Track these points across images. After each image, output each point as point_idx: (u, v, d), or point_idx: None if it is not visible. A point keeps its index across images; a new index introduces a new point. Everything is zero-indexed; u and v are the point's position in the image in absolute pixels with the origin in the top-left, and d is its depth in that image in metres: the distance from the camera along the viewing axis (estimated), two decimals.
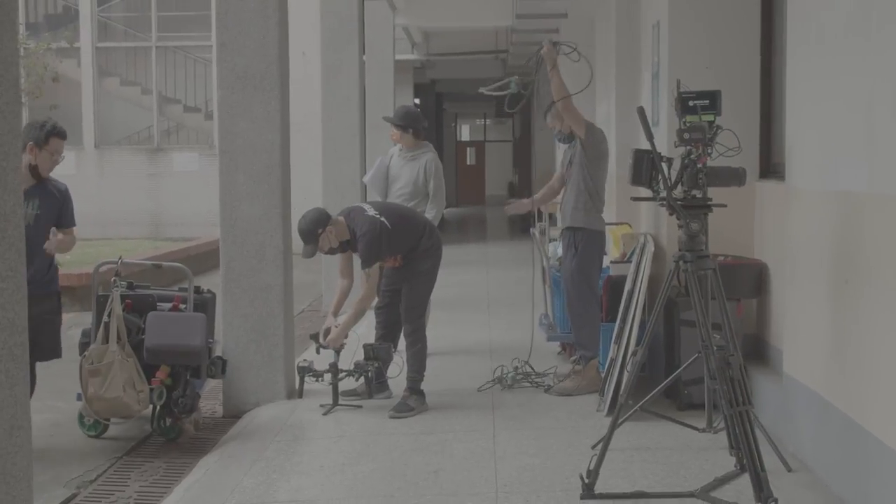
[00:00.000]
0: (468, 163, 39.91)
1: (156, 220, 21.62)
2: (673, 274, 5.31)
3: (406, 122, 8.31)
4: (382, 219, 6.86)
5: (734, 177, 5.24)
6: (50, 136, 6.32)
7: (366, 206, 7.09)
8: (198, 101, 22.87)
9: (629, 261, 7.75)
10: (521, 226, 23.95)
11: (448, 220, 29.03)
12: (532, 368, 7.77)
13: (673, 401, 6.72)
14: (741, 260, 6.99)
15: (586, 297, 7.42)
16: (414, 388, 7.05)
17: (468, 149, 40.75)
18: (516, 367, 7.73)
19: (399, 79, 17.55)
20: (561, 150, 9.56)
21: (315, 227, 6.78)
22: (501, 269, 15.71)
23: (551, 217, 9.88)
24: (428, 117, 29.29)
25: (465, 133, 44.55)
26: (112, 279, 6.74)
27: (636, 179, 5.29)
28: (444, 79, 26.16)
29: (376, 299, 7.39)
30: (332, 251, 6.95)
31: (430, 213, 8.13)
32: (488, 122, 41.99)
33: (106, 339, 6.48)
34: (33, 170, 6.28)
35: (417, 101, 25.43)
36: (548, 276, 8.70)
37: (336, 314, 7.20)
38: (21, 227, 2.50)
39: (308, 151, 16.71)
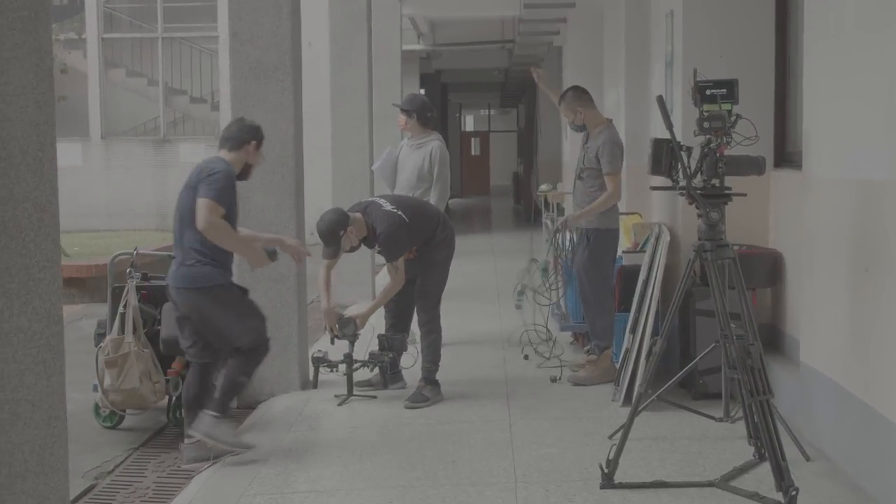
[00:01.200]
0: (473, 153, 39.93)
1: (163, 210, 21.58)
2: (693, 263, 5.30)
3: (411, 108, 8.31)
4: (399, 212, 6.85)
5: (754, 165, 5.23)
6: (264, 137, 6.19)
7: (381, 202, 7.06)
8: (204, 92, 22.88)
9: (642, 250, 7.75)
10: (526, 215, 23.99)
11: (453, 211, 29.02)
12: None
13: (688, 390, 6.72)
14: (756, 249, 6.99)
15: (600, 288, 7.42)
16: (429, 378, 7.06)
17: (473, 139, 40.77)
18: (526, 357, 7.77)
19: (405, 69, 17.52)
20: (569, 139, 9.58)
21: (337, 229, 6.72)
22: (509, 258, 15.68)
23: (559, 207, 9.88)
24: (433, 107, 29.07)
25: (469, 123, 44.56)
26: (127, 270, 6.74)
27: (655, 168, 5.28)
28: (450, 69, 26.13)
29: None
30: (352, 249, 6.95)
31: (432, 201, 8.12)
32: (493, 112, 41.98)
33: (122, 331, 6.50)
34: (246, 169, 6.14)
35: (423, 90, 25.41)
36: (560, 266, 8.70)
37: (329, 297, 7.14)
38: (57, 217, 2.50)
39: (315, 142, 16.67)
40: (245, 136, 6.02)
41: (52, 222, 2.49)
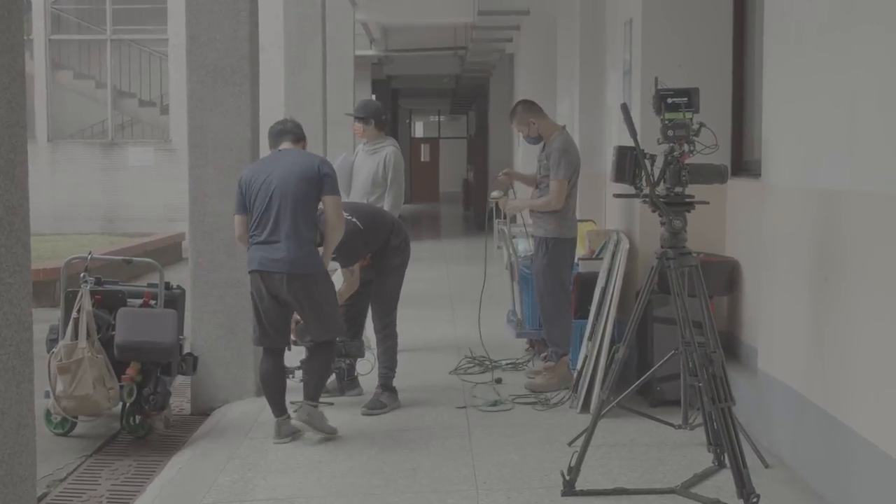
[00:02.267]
0: (422, 159, 39.91)
1: (110, 214, 21.38)
2: (655, 271, 5.31)
3: (367, 114, 8.26)
4: (354, 219, 6.80)
5: (716, 174, 5.26)
6: None
7: None
8: (153, 95, 22.64)
9: (598, 258, 7.77)
10: (476, 222, 24.01)
11: (403, 217, 28.98)
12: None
13: (645, 397, 6.74)
14: (713, 257, 7.03)
15: (557, 296, 7.42)
16: (386, 384, 7.02)
17: (423, 145, 40.75)
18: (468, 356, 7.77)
19: (357, 74, 17.47)
20: (521, 146, 9.58)
21: None
22: (460, 264, 15.71)
23: (507, 214, 9.89)
24: (387, 111, 29.08)
25: (419, 130, 44.55)
26: (81, 274, 6.64)
27: (619, 176, 5.29)
28: (401, 75, 26.11)
29: None
30: None
31: (386, 206, 8.09)
32: (443, 118, 42.01)
33: (75, 336, 6.38)
34: None
35: (374, 96, 25.36)
36: (515, 273, 8.70)
37: None
38: (28, 220, 2.44)
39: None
40: (302, 133, 6.54)
41: (23, 226, 2.43)
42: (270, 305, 6.16)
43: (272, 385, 6.29)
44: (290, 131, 6.43)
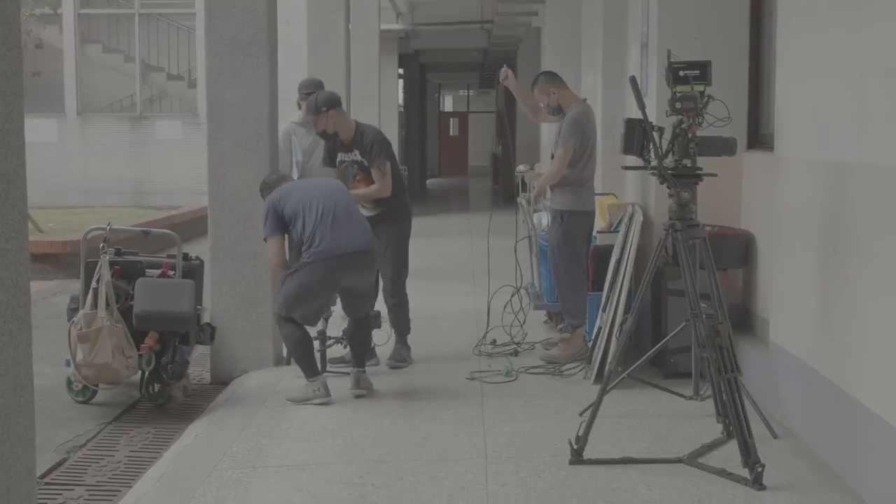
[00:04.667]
0: (451, 133, 39.89)
1: (139, 188, 21.54)
2: (662, 243, 5.33)
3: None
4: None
5: (725, 146, 5.27)
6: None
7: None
8: (181, 69, 22.77)
9: (616, 230, 7.79)
10: (504, 196, 24.02)
11: (431, 191, 29.07)
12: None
13: (659, 369, 6.78)
14: (728, 230, 7.04)
15: (572, 267, 7.46)
16: (402, 340, 7.38)
17: (451, 120, 40.71)
18: (494, 341, 7.81)
19: (383, 49, 17.50)
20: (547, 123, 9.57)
21: (324, 104, 7.17)
22: (485, 238, 15.69)
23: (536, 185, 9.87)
24: (412, 88, 29.10)
25: (448, 104, 44.48)
26: (101, 245, 6.74)
27: (627, 148, 5.31)
28: (428, 49, 26.07)
29: None
30: (326, 136, 7.28)
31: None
32: (472, 93, 41.93)
33: (95, 306, 6.48)
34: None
35: (401, 71, 25.37)
36: (534, 245, 8.73)
37: None
38: (24, 188, 2.51)
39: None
40: None
41: (20, 193, 2.49)
42: (335, 287, 6.57)
43: (308, 347, 6.54)
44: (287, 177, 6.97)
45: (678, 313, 6.28)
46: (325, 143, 7.39)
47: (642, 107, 5.22)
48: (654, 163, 5.22)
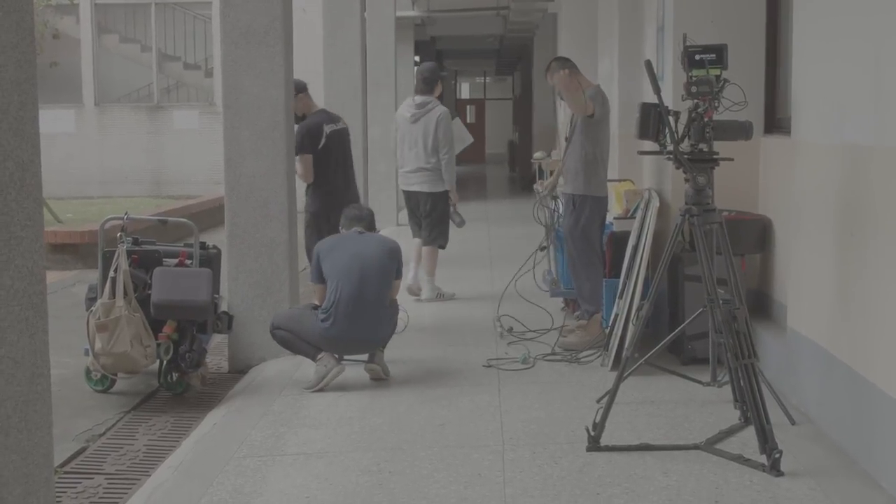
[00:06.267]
0: (468, 121, 39.81)
1: (156, 177, 21.61)
2: (679, 228, 5.32)
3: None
4: None
5: (741, 130, 5.24)
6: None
7: None
8: (197, 59, 22.81)
9: (633, 216, 7.77)
10: (522, 184, 24.00)
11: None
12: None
13: (676, 355, 6.76)
14: (745, 215, 7.01)
15: (586, 253, 7.46)
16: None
17: (468, 107, 40.64)
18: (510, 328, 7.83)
19: (399, 36, 17.47)
20: (562, 107, 9.58)
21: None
22: (503, 226, 15.74)
23: (552, 174, 9.85)
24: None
25: (465, 91, 44.42)
26: (118, 235, 6.76)
27: (643, 133, 5.29)
28: (445, 35, 26.02)
29: None
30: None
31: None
32: (488, 80, 41.86)
33: (113, 295, 6.50)
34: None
35: (418, 58, 25.32)
36: (551, 233, 8.72)
37: None
38: (39, 176, 2.51)
39: None
40: (374, 223, 7.14)
41: (34, 181, 2.50)
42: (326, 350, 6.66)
43: (299, 337, 6.66)
44: (364, 218, 6.97)
45: (695, 299, 6.27)
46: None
47: (657, 91, 5.20)
48: (669, 147, 5.20)
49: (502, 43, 27.48)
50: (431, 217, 9.46)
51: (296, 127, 7.98)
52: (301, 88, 8.22)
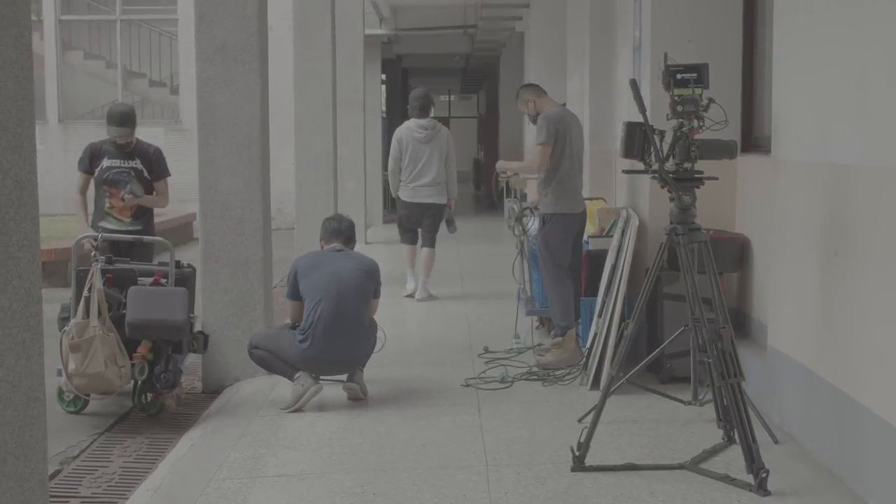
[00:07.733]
0: None
1: None
2: (664, 247, 5.31)
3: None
4: None
5: (726, 149, 5.25)
6: None
7: None
8: (163, 76, 22.64)
9: (609, 235, 7.76)
10: (487, 202, 24.01)
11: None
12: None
13: (655, 374, 6.74)
14: (723, 234, 7.02)
15: (553, 270, 7.50)
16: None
17: None
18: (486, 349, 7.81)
19: (367, 54, 17.44)
20: (530, 129, 9.66)
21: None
22: (470, 243, 15.69)
23: (521, 193, 9.88)
24: (394, 93, 28.95)
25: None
26: (92, 253, 6.65)
27: (628, 152, 5.28)
28: (411, 54, 26.03)
29: None
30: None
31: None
32: (453, 98, 41.91)
33: (86, 314, 6.39)
34: None
35: (384, 76, 25.29)
36: (525, 251, 8.70)
37: None
38: (36, 195, 2.45)
39: (277, 125, 16.59)
40: (354, 236, 7.15)
41: (31, 200, 2.44)
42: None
43: (276, 356, 6.64)
44: (343, 232, 6.88)
45: (674, 318, 6.26)
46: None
47: (643, 110, 5.20)
48: (655, 166, 5.19)
49: (468, 61, 27.54)
50: (432, 223, 10.82)
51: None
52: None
